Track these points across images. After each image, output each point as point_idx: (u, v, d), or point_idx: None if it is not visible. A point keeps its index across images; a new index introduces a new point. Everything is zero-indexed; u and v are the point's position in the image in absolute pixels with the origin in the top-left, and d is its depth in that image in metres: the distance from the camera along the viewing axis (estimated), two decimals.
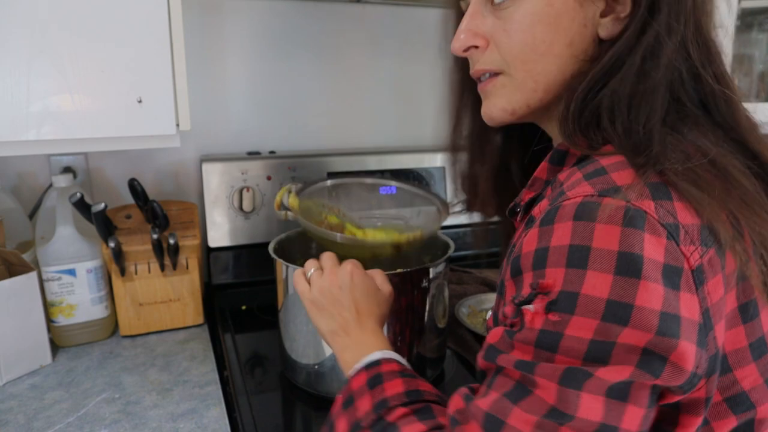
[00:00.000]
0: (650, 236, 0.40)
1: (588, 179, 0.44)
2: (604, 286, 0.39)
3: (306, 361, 0.84)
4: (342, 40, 1.29)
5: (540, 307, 0.42)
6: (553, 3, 0.48)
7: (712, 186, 0.43)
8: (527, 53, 0.50)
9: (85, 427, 0.76)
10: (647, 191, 0.42)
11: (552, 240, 0.42)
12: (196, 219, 1.08)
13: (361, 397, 0.54)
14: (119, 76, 0.78)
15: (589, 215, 0.41)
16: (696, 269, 0.41)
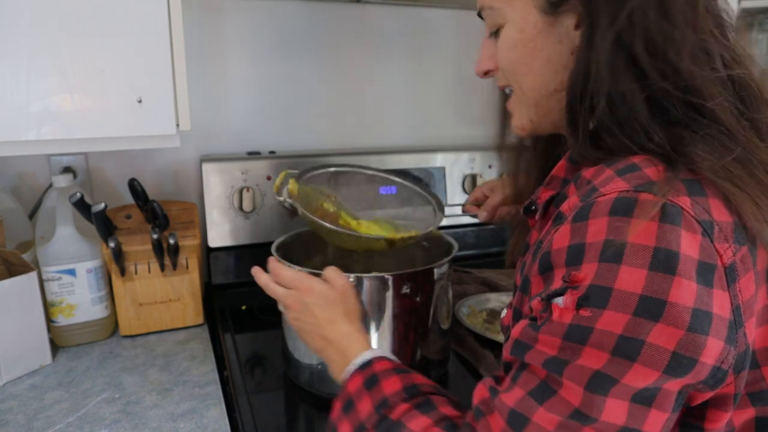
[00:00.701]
0: (686, 233, 0.40)
1: (621, 175, 0.44)
2: (638, 281, 0.39)
3: (308, 361, 0.84)
4: (342, 40, 1.29)
5: (570, 302, 0.42)
6: (524, 28, 0.52)
7: (745, 185, 0.43)
8: (514, 74, 0.55)
9: (85, 427, 0.76)
10: (683, 187, 0.42)
11: (587, 236, 0.42)
12: (196, 219, 1.08)
13: (361, 399, 0.55)
14: (119, 76, 0.78)
15: (625, 210, 0.41)
16: (729, 267, 0.41)
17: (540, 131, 0.59)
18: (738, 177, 0.43)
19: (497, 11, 0.54)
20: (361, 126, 1.37)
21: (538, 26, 0.51)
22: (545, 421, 0.42)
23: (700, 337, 0.39)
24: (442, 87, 1.41)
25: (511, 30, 0.53)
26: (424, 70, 1.37)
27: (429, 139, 1.42)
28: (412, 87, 1.38)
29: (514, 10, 0.53)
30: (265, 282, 0.71)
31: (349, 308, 0.67)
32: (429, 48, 1.36)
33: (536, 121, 0.57)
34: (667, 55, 0.46)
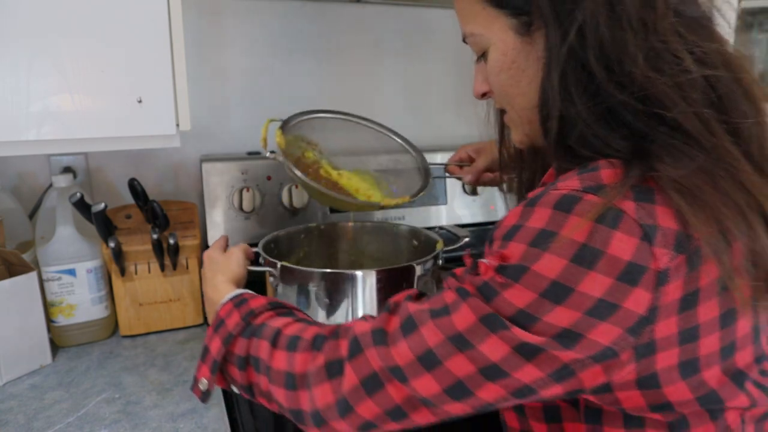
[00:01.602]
0: (622, 235, 0.42)
1: (579, 174, 0.47)
2: (555, 268, 0.43)
3: None
4: (342, 41, 1.29)
5: (493, 264, 0.46)
6: (506, 52, 0.54)
7: (704, 196, 0.43)
8: (504, 95, 0.58)
9: (85, 427, 0.76)
10: (630, 193, 0.44)
11: (529, 221, 0.45)
12: (196, 219, 1.08)
13: (230, 317, 0.62)
14: (119, 76, 0.78)
15: (567, 206, 0.44)
16: (662, 271, 0.42)
17: (536, 144, 0.60)
18: (697, 188, 0.43)
19: (479, 37, 0.56)
20: None
21: (518, 47, 0.53)
22: (430, 333, 0.46)
23: (595, 321, 0.42)
24: (441, 87, 1.41)
25: (495, 53, 0.55)
26: (424, 70, 1.37)
27: (428, 138, 1.42)
28: (412, 87, 1.38)
29: (494, 35, 0.54)
30: None
31: (230, 271, 0.75)
32: (429, 48, 1.36)
33: (532, 136, 0.59)
34: (623, 65, 0.45)
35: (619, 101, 0.46)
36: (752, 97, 0.49)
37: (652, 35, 0.45)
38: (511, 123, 0.61)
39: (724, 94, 0.47)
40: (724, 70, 0.47)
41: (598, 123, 0.47)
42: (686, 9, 0.48)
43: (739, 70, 0.49)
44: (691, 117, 0.45)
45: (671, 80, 0.45)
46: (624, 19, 0.45)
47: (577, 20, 0.46)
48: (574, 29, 0.46)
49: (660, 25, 0.46)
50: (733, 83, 0.47)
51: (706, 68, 0.46)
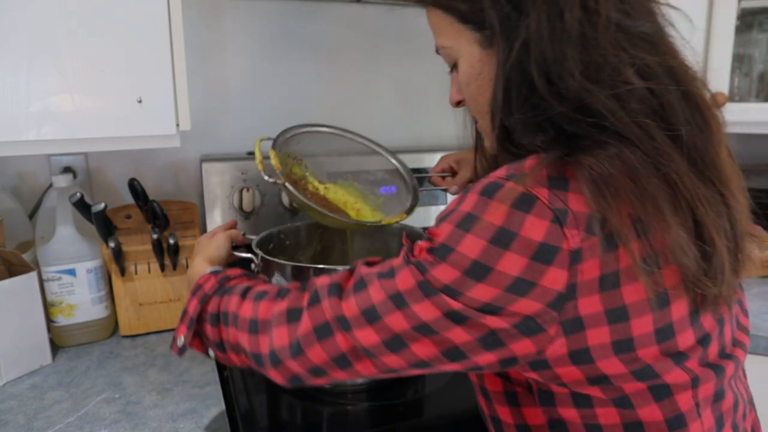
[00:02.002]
0: (534, 218, 0.46)
1: (508, 165, 0.51)
2: (476, 248, 0.47)
3: None
4: (342, 40, 1.29)
5: (424, 246, 0.51)
6: (472, 64, 0.57)
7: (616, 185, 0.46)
8: (474, 105, 0.61)
9: (85, 427, 0.76)
10: (545, 180, 0.48)
11: (460, 205, 0.50)
12: (196, 219, 1.08)
13: (207, 281, 0.69)
14: (119, 76, 0.78)
15: (490, 193, 0.48)
16: (574, 250, 0.46)
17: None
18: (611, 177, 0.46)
19: (449, 49, 0.60)
20: (360, 125, 1.35)
21: (483, 60, 0.56)
22: (375, 292, 0.52)
23: (515, 296, 0.46)
24: (441, 87, 1.40)
25: (464, 65, 0.59)
26: (424, 70, 1.37)
27: (427, 138, 1.42)
28: (412, 87, 1.38)
29: (462, 47, 0.58)
30: None
31: (209, 252, 0.80)
32: (428, 48, 1.36)
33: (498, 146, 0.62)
34: (562, 76, 0.48)
35: (559, 112, 0.49)
36: (697, 106, 0.51)
37: (593, 49, 0.48)
38: (482, 131, 0.65)
39: (666, 103, 0.49)
40: (668, 80, 0.49)
41: (536, 131, 0.51)
42: (631, 24, 0.50)
43: (683, 80, 0.51)
44: (630, 125, 0.48)
45: (609, 91, 0.48)
46: (564, 34, 0.48)
47: (522, 35, 0.50)
48: (519, 43, 0.50)
49: (601, 40, 0.48)
50: (676, 92, 0.50)
51: (647, 79, 0.49)
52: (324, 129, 0.98)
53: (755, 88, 1.34)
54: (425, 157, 1.30)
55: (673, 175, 0.48)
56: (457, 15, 0.57)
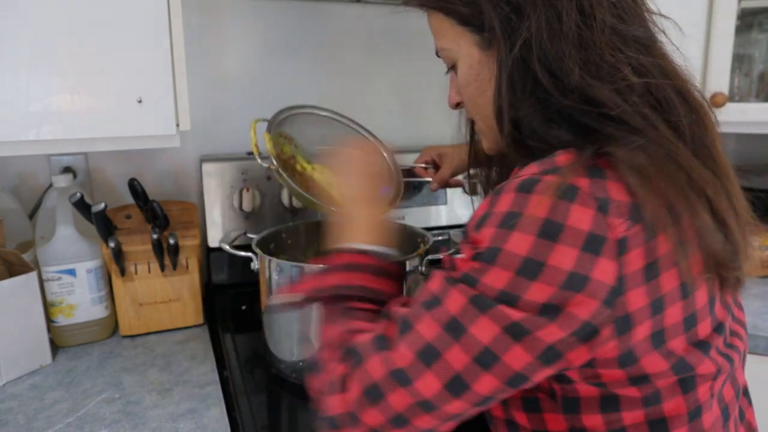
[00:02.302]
0: (579, 207, 0.46)
1: (537, 162, 0.51)
2: (524, 244, 0.46)
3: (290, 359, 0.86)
4: (342, 40, 1.29)
5: (468, 255, 0.50)
6: (472, 65, 0.59)
7: (649, 174, 0.48)
8: (473, 106, 0.63)
9: (85, 427, 0.76)
10: (582, 171, 0.48)
11: (495, 207, 0.49)
12: (196, 219, 1.08)
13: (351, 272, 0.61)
14: (119, 76, 0.78)
15: (528, 188, 0.48)
16: (620, 240, 0.46)
17: (504, 150, 0.64)
18: (643, 167, 0.48)
19: (448, 51, 0.61)
20: None
21: (482, 61, 0.58)
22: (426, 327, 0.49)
23: (572, 293, 0.45)
24: (440, 87, 1.40)
25: (463, 66, 0.60)
26: (424, 69, 1.37)
27: (427, 138, 1.42)
28: (412, 87, 1.38)
29: (461, 49, 0.60)
30: None
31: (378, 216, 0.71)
32: (428, 48, 1.35)
33: (499, 143, 0.63)
34: (564, 73, 0.51)
35: (566, 104, 0.51)
36: (690, 103, 0.53)
37: (590, 49, 0.51)
38: (480, 132, 0.66)
39: (662, 99, 0.52)
40: (662, 79, 0.52)
41: (548, 123, 0.53)
42: (624, 28, 0.53)
43: (676, 79, 0.54)
44: (634, 114, 0.50)
45: (610, 86, 0.50)
46: (563, 35, 0.51)
47: (523, 35, 0.52)
48: (520, 42, 0.52)
49: (597, 41, 0.51)
50: (671, 89, 0.52)
51: (643, 77, 0.51)
52: (317, 111, 0.98)
53: (755, 88, 1.34)
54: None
55: (682, 161, 0.49)
56: (457, 17, 0.58)
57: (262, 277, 0.88)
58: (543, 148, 0.53)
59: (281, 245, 1.00)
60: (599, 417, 0.52)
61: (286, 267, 0.82)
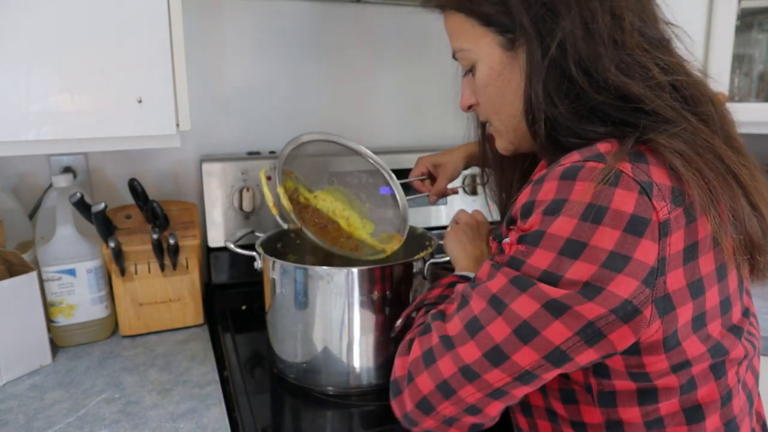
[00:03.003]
0: (622, 191, 0.47)
1: (579, 151, 0.52)
2: (568, 227, 0.48)
3: (293, 359, 0.85)
4: (342, 40, 1.29)
5: (514, 238, 0.52)
6: (493, 65, 0.60)
7: (690, 159, 0.49)
8: (491, 108, 0.64)
9: (85, 427, 0.76)
10: (626, 156, 0.49)
11: (539, 194, 0.51)
12: (196, 219, 1.08)
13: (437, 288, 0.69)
14: (119, 76, 0.78)
15: (572, 175, 0.49)
16: (663, 222, 0.47)
17: (521, 150, 0.67)
18: (684, 152, 0.50)
19: (467, 52, 0.62)
20: (361, 125, 1.37)
21: (503, 61, 0.59)
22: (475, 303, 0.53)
23: (612, 273, 0.46)
24: (441, 87, 1.40)
25: (483, 67, 0.61)
26: (424, 70, 1.37)
27: (428, 138, 1.42)
28: (412, 87, 1.38)
29: (481, 50, 0.60)
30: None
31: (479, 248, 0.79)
32: (428, 48, 1.36)
33: (516, 143, 0.65)
34: (599, 72, 0.53)
35: (601, 101, 0.53)
36: (711, 99, 0.56)
37: (621, 50, 0.53)
38: (496, 133, 0.67)
39: (689, 96, 0.54)
40: (685, 76, 0.55)
41: (581, 120, 0.54)
42: (648, 31, 0.55)
43: (695, 77, 0.56)
44: (667, 108, 0.52)
45: (642, 84, 0.52)
46: (597, 36, 0.53)
47: (557, 36, 0.53)
48: (555, 44, 0.53)
49: (628, 42, 0.53)
50: (694, 87, 0.55)
51: (669, 75, 0.54)
52: (309, 137, 0.96)
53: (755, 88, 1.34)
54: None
55: (716, 148, 0.51)
56: (480, 18, 0.58)
57: (265, 277, 0.87)
58: (578, 143, 0.54)
59: (289, 245, 0.99)
60: (636, 409, 0.54)
61: (290, 268, 0.82)
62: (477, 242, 0.78)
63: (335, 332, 0.82)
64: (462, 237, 0.80)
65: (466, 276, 0.71)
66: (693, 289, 0.50)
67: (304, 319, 0.83)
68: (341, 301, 0.80)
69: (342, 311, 0.81)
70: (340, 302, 0.80)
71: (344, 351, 0.82)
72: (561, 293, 0.47)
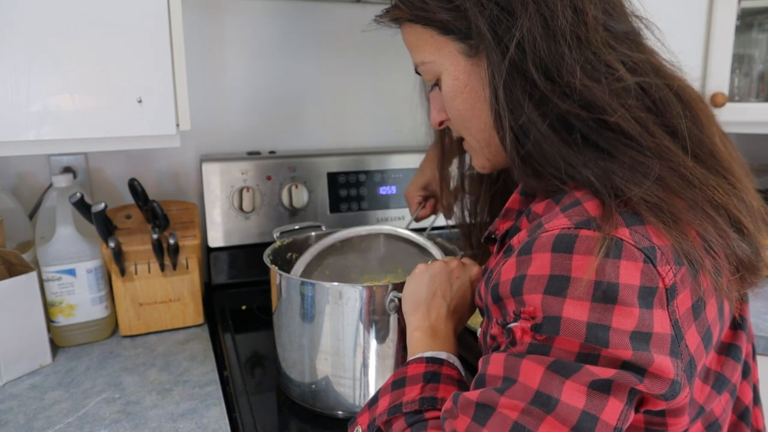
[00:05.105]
0: (627, 262, 0.43)
1: (564, 211, 0.48)
2: (582, 311, 0.43)
3: (299, 378, 0.81)
4: (342, 40, 1.29)
5: (527, 326, 0.46)
6: (458, 76, 0.55)
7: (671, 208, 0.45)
8: (461, 121, 0.59)
9: (85, 427, 0.76)
10: (620, 219, 0.45)
11: (530, 269, 0.46)
12: (196, 219, 1.08)
13: (413, 385, 0.57)
14: (119, 76, 0.78)
15: (566, 246, 0.44)
16: (670, 287, 0.44)
17: (499, 166, 0.62)
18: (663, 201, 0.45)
19: (430, 65, 0.57)
20: (361, 126, 1.37)
21: (468, 70, 0.55)
22: (508, 409, 0.44)
23: (647, 355, 0.42)
24: None
25: (448, 79, 0.56)
26: None
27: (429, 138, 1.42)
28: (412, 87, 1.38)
29: (445, 60, 0.56)
30: None
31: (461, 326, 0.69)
32: None
33: (492, 159, 0.60)
34: (562, 75, 0.48)
35: (564, 109, 0.48)
36: (684, 99, 0.51)
37: (585, 48, 0.49)
38: (471, 149, 0.62)
39: (658, 99, 0.50)
40: (655, 77, 0.50)
41: (549, 129, 0.49)
42: (615, 25, 0.51)
43: (669, 76, 0.52)
44: (631, 121, 0.48)
45: (607, 88, 0.48)
46: (559, 34, 0.48)
47: (515, 36, 0.49)
48: (513, 44, 0.49)
49: (592, 39, 0.49)
50: (665, 88, 0.50)
51: (638, 76, 0.49)
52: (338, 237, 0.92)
53: (755, 88, 1.34)
54: None
55: (685, 171, 0.48)
56: (437, 26, 0.55)
57: (273, 287, 0.84)
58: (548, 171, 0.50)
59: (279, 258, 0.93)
60: None
61: (295, 283, 0.78)
62: (437, 300, 0.66)
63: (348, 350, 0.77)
64: (422, 289, 0.67)
65: (436, 358, 0.60)
66: (706, 341, 0.47)
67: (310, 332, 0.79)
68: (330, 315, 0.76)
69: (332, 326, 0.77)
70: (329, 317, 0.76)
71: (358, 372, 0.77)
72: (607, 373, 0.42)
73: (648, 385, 0.43)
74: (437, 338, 0.63)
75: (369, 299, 0.74)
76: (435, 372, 0.58)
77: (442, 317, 0.65)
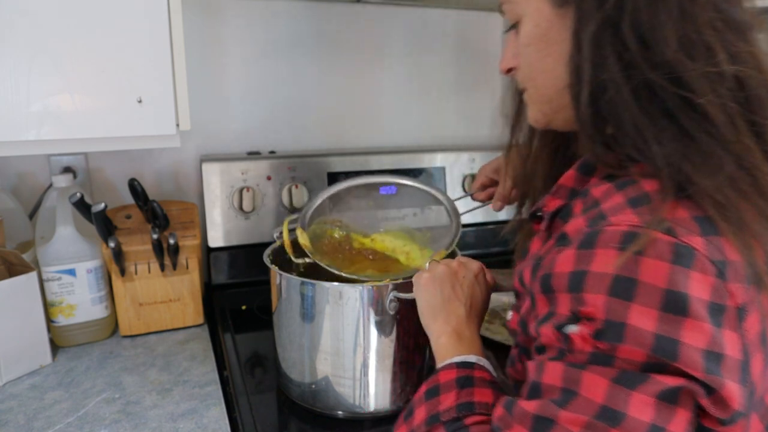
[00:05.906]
0: (698, 274, 0.40)
1: (632, 206, 0.45)
2: (650, 320, 0.40)
3: (299, 378, 0.81)
4: (342, 40, 1.29)
5: (587, 333, 0.43)
6: (539, 23, 0.52)
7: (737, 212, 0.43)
8: (529, 71, 0.55)
9: (85, 427, 0.76)
10: (696, 226, 0.42)
11: (592, 265, 0.43)
12: (196, 219, 1.08)
13: (447, 392, 0.55)
14: (119, 76, 0.78)
15: (635, 247, 0.41)
16: (741, 307, 0.41)
17: (554, 126, 0.58)
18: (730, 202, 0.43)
19: (514, 5, 0.54)
20: (361, 126, 1.37)
21: (551, 19, 0.51)
22: (571, 422, 0.42)
23: (717, 378, 0.40)
24: (441, 87, 1.41)
25: (528, 24, 0.53)
26: (424, 70, 1.37)
27: (429, 138, 1.42)
28: (412, 87, 1.38)
29: (529, 4, 0.53)
30: None
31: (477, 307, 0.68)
32: (429, 48, 1.36)
33: (549, 115, 0.57)
34: (657, 44, 0.45)
35: (651, 78, 0.45)
36: None
37: (689, 24, 0.45)
38: (530, 101, 0.58)
39: (753, 95, 0.46)
40: (756, 71, 0.47)
41: (630, 93, 0.46)
42: (727, 8, 0.47)
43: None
44: (718, 108, 0.45)
45: (701, 69, 0.44)
46: (663, 2, 0.45)
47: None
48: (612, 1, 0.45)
49: (699, 17, 0.45)
50: (763, 86, 0.47)
51: (737, 65, 0.46)
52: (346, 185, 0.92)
53: None
54: (428, 157, 1.30)
55: (757, 173, 0.45)
56: None
57: (273, 287, 0.84)
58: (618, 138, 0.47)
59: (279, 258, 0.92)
60: None
61: (295, 283, 0.77)
62: (453, 304, 0.65)
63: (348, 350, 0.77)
64: (435, 296, 0.66)
65: (466, 362, 0.59)
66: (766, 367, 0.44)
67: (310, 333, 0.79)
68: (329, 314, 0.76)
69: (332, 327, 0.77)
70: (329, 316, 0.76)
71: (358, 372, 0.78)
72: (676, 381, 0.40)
73: (711, 406, 0.41)
74: (463, 342, 0.62)
75: (369, 299, 0.74)
76: (467, 376, 0.56)
77: (463, 319, 0.64)
